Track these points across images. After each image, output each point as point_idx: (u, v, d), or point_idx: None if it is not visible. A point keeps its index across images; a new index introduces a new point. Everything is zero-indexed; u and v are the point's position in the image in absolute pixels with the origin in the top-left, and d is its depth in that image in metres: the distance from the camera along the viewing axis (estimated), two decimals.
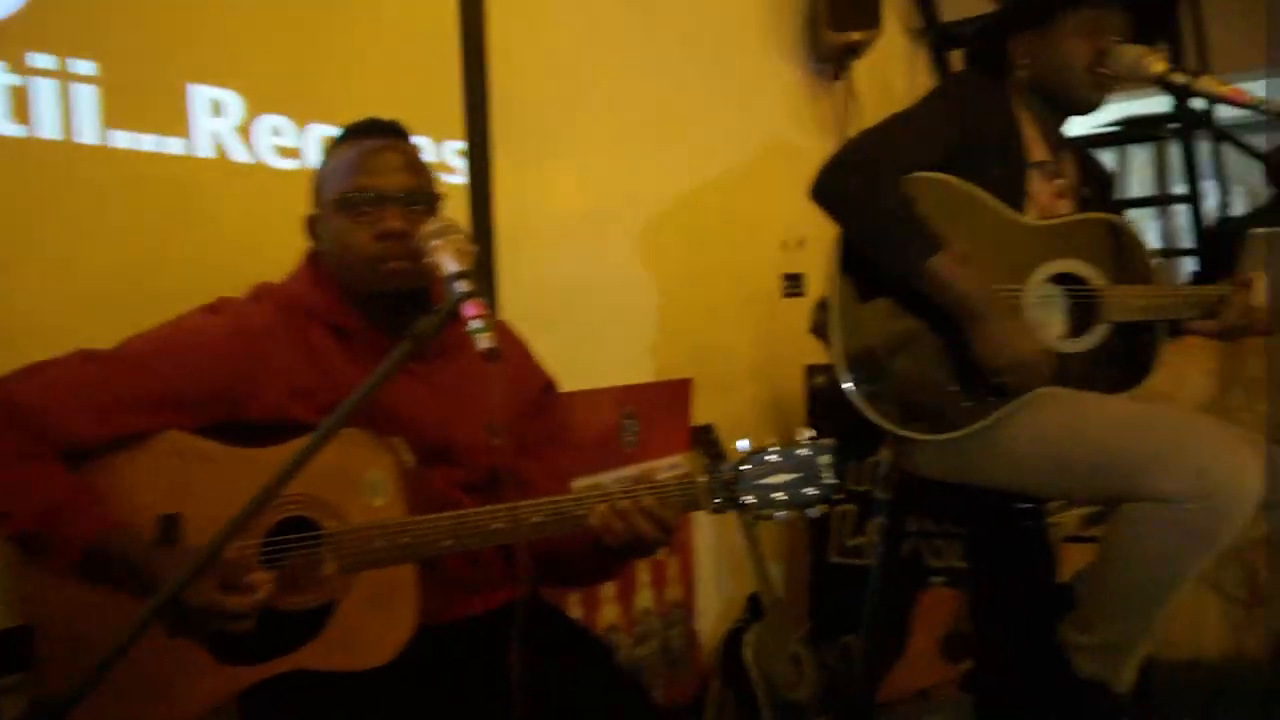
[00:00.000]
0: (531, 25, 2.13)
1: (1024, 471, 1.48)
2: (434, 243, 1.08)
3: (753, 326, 2.70)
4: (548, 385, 1.45)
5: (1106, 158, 5.31)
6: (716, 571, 2.64)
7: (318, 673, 1.12)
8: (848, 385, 1.49)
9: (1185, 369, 2.66)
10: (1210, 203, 4.25)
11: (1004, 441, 1.47)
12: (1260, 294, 1.45)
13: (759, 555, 2.45)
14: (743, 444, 1.16)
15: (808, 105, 2.99)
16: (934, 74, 3.36)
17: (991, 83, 1.62)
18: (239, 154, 1.60)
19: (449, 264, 1.06)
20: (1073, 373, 1.49)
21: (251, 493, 0.94)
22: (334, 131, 1.59)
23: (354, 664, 1.12)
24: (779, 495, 1.14)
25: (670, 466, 2.45)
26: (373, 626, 1.13)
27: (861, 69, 3.00)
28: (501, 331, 1.49)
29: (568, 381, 2.18)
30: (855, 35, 2.79)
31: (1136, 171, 4.78)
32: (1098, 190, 1.68)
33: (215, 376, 1.18)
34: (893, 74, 3.20)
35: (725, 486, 1.14)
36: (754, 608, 2.51)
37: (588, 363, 2.27)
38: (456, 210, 1.95)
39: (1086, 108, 1.59)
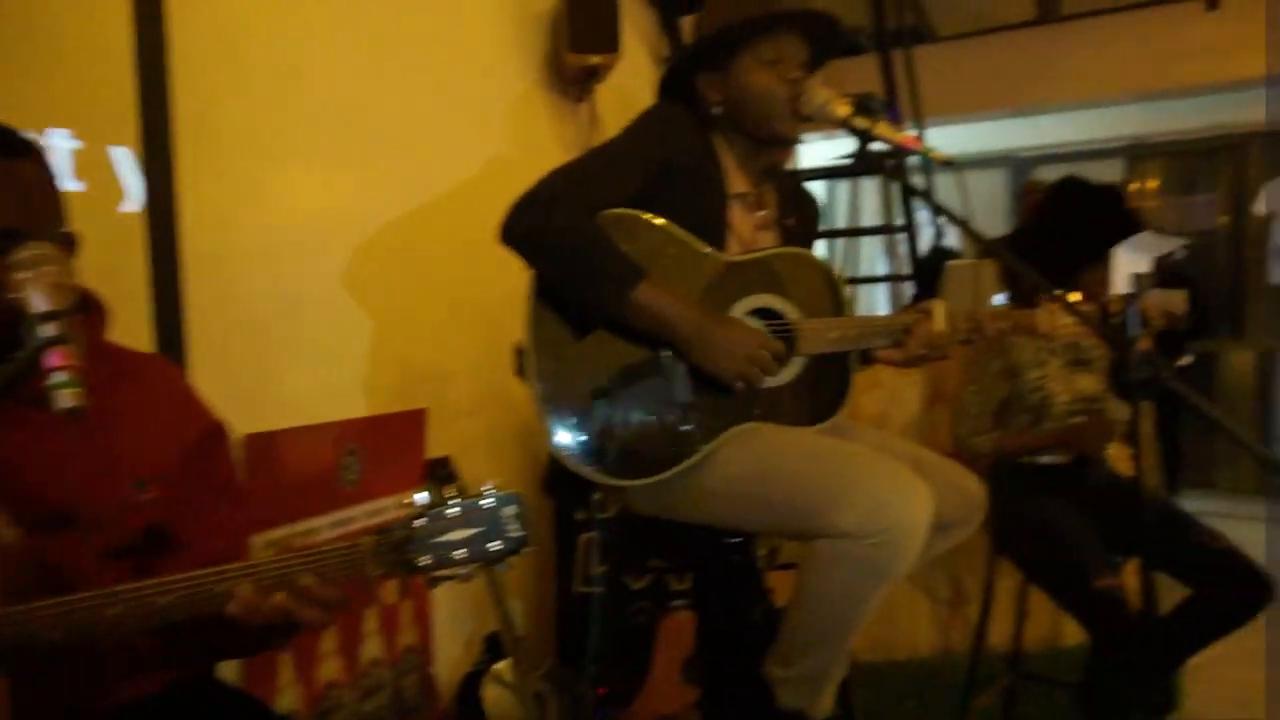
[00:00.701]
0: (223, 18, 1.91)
1: (724, 508, 1.48)
2: (20, 275, 0.90)
3: (495, 353, 2.59)
4: (214, 431, 1.26)
5: (842, 189, 5.76)
6: (454, 612, 2.51)
7: None
8: (553, 440, 1.43)
9: (900, 389, 2.87)
10: (928, 233, 4.70)
11: (705, 480, 1.47)
12: (940, 321, 1.52)
13: (499, 592, 2.34)
14: (420, 497, 1.06)
15: (551, 126, 2.94)
16: None
17: (690, 115, 1.59)
18: None
19: (37, 302, 0.88)
20: (773, 407, 1.51)
21: None
22: None
23: None
24: (460, 552, 1.04)
25: (398, 505, 2.29)
26: None
27: (605, 92, 3.01)
28: (159, 367, 1.31)
29: (277, 418, 1.98)
30: (595, 59, 2.78)
31: (869, 201, 5.20)
32: (800, 220, 1.70)
33: None
34: (637, 98, 3.22)
35: (395, 548, 1.02)
36: (494, 647, 2.41)
37: (303, 396, 2.08)
38: (130, 229, 1.72)
39: (783, 140, 1.59)
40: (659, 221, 1.50)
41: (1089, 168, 5.90)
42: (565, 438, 1.44)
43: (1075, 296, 1.48)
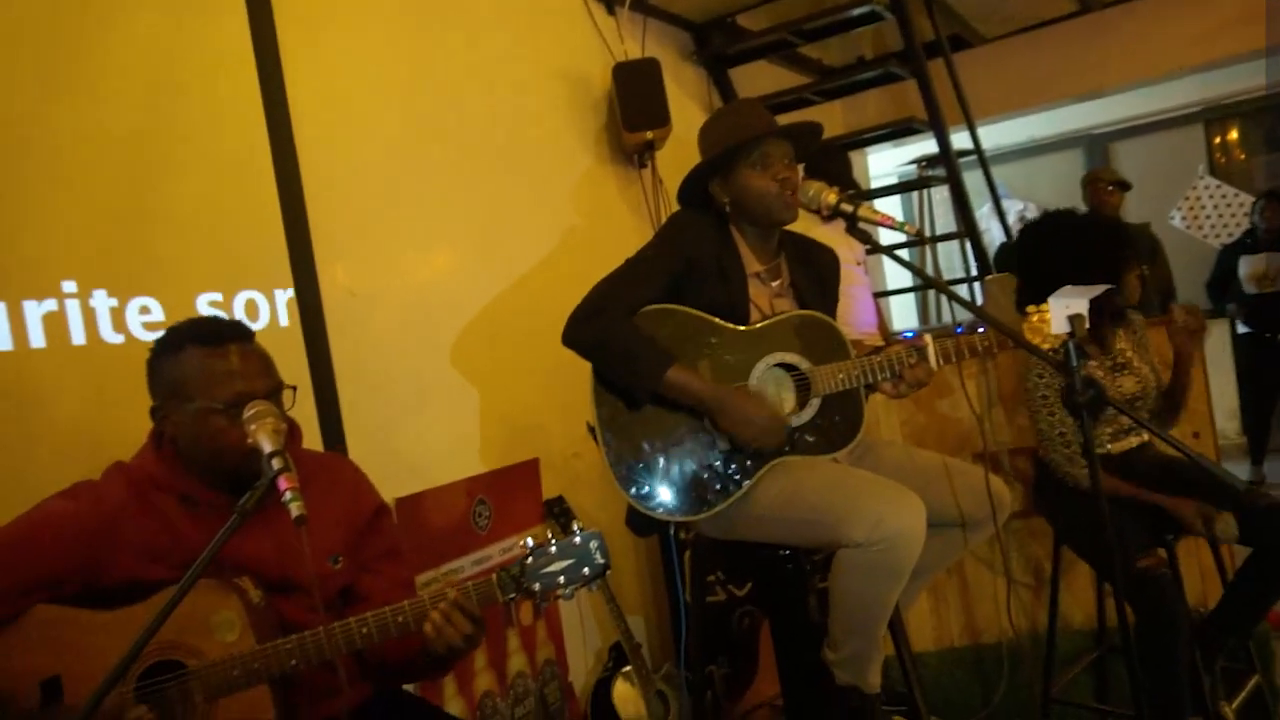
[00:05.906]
0: (343, 157, 2.38)
1: (767, 530, 1.80)
2: (251, 427, 1.33)
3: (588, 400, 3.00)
4: (380, 508, 1.68)
5: (912, 198, 5.92)
6: (581, 628, 2.91)
7: None
8: (628, 494, 1.78)
9: (959, 395, 3.10)
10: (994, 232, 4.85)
11: (751, 508, 1.79)
12: (931, 356, 1.76)
13: (617, 609, 2.73)
14: (528, 541, 1.45)
15: (620, 195, 3.35)
16: None
17: (705, 216, 1.92)
18: None
19: (265, 444, 1.29)
20: (801, 440, 1.83)
21: (119, 647, 1.14)
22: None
23: None
24: (561, 579, 1.43)
25: (521, 543, 2.71)
26: None
27: (664, 157, 3.39)
28: (336, 464, 1.73)
29: (418, 481, 2.44)
30: (649, 134, 3.16)
31: (939, 206, 5.38)
32: (811, 279, 1.98)
33: (71, 557, 1.38)
34: (691, 158, 3.59)
35: (514, 580, 1.42)
36: (618, 656, 2.80)
37: (437, 459, 2.52)
38: (295, 353, 2.19)
39: (782, 223, 1.91)
40: (686, 310, 1.84)
41: (1167, 136, 5.87)
42: (636, 491, 1.80)
43: (1044, 308, 1.68)
